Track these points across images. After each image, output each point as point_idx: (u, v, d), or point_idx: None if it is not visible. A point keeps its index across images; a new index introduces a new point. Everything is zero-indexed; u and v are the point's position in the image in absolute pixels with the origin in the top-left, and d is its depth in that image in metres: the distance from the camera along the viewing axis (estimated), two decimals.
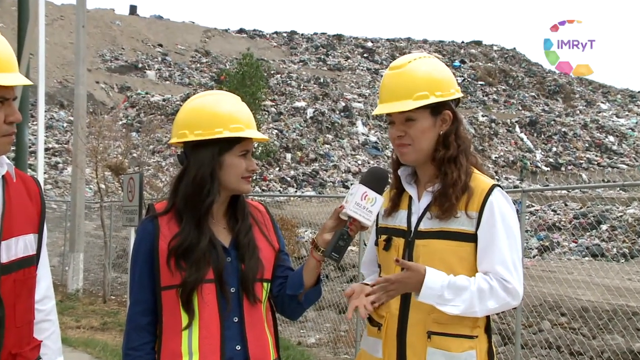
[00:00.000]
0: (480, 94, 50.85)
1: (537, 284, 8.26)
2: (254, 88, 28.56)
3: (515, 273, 2.23)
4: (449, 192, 2.25)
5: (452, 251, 2.24)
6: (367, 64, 54.31)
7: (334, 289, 9.95)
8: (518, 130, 43.27)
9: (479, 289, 2.18)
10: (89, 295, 12.70)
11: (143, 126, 29.27)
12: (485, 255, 2.23)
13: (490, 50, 61.48)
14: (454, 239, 2.24)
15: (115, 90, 44.29)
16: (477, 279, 2.20)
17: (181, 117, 2.29)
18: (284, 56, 55.83)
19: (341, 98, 42.11)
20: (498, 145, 41.31)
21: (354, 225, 2.23)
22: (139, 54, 51.67)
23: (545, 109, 48.87)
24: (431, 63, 2.36)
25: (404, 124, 2.30)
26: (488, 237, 2.23)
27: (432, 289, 2.16)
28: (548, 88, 53.81)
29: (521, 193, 6.73)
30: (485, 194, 2.26)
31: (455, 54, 59.16)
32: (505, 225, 2.24)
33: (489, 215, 2.23)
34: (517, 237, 2.27)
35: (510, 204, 2.30)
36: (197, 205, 2.21)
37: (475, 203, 2.25)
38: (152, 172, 24.80)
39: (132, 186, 8.56)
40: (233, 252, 2.26)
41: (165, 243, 2.20)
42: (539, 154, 40.67)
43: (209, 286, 2.19)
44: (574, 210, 17.36)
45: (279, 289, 2.33)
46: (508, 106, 49.39)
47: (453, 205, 2.24)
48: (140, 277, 2.24)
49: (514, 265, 2.23)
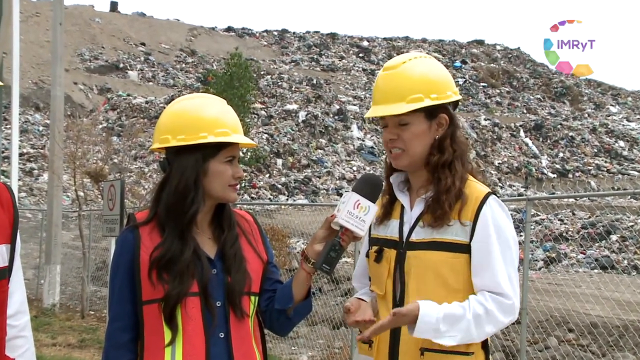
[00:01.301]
0: (483, 96, 51.01)
1: (543, 298, 8.28)
2: (242, 90, 28.62)
3: (511, 288, 2.23)
4: (442, 198, 2.26)
5: (446, 263, 2.25)
6: (362, 65, 54.42)
7: (327, 302, 9.94)
8: (523, 135, 43.41)
9: (475, 316, 2.19)
10: (66, 311, 12.64)
11: (124, 130, 29.26)
12: (480, 270, 2.24)
13: (493, 50, 61.72)
14: (447, 250, 2.25)
15: (95, 92, 44.22)
16: (472, 304, 2.21)
17: (163, 121, 2.30)
18: (274, 56, 55.89)
19: (335, 100, 42.16)
20: (501, 150, 41.42)
21: (346, 236, 2.23)
22: (120, 54, 51.62)
23: (552, 112, 49.06)
24: (427, 64, 2.37)
25: (397, 127, 2.31)
26: (483, 250, 2.23)
27: (427, 323, 2.16)
28: (554, 90, 54.04)
29: (526, 201, 6.76)
30: (480, 202, 2.27)
31: (456, 53, 59.37)
32: (500, 237, 2.25)
33: (483, 225, 2.24)
34: (513, 249, 2.28)
35: (506, 213, 2.31)
36: (180, 215, 2.21)
37: (469, 212, 2.26)
38: (134, 179, 24.72)
39: (113, 194, 8.54)
40: (219, 263, 2.26)
41: (147, 254, 2.20)
42: (544, 160, 40.80)
43: (193, 300, 2.19)
44: (582, 220, 17.41)
45: (267, 303, 2.33)
46: (512, 109, 49.58)
47: (446, 213, 2.25)
48: (120, 290, 2.23)
49: (510, 279, 2.24)
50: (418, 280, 2.26)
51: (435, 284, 2.24)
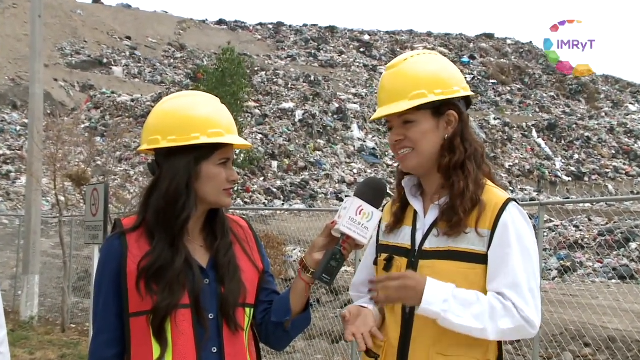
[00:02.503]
0: (492, 94, 51.11)
1: (557, 310, 8.28)
2: (235, 87, 28.64)
3: (531, 300, 2.21)
4: (456, 204, 2.26)
5: (461, 274, 2.24)
6: (363, 60, 54.48)
7: (326, 315, 9.95)
8: (535, 135, 43.49)
9: (491, 306, 2.18)
10: (45, 324, 12.62)
11: (109, 130, 29.24)
12: (495, 276, 2.22)
13: (503, 45, 61.86)
14: (463, 260, 2.24)
15: (77, 89, 44.23)
16: (488, 296, 2.20)
17: (152, 121, 2.30)
18: (269, 51, 55.96)
19: (334, 98, 42.23)
20: (512, 152, 41.49)
21: (348, 244, 2.24)
22: (103, 48, 51.66)
23: (566, 111, 49.17)
24: (430, 59, 2.38)
25: (403, 127, 2.32)
26: (500, 257, 2.22)
27: (436, 289, 2.15)
28: (569, 87, 54.16)
29: (539, 206, 6.76)
30: (499, 209, 2.26)
31: (463, 48, 59.49)
32: (521, 246, 2.24)
33: (503, 233, 2.23)
34: (534, 259, 2.26)
35: (528, 222, 2.30)
36: (170, 221, 2.21)
37: (488, 219, 2.25)
38: (119, 183, 24.71)
39: (96, 198, 8.54)
40: (211, 273, 2.26)
41: (135, 263, 2.20)
42: (558, 162, 40.86)
43: (184, 312, 2.19)
44: (599, 226, 17.40)
45: (263, 315, 2.34)
46: (524, 108, 49.67)
47: (461, 220, 2.24)
48: (105, 302, 2.23)
49: (530, 291, 2.21)
50: None
51: None
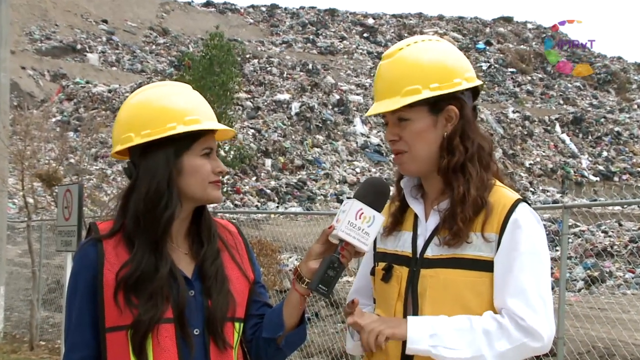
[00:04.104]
0: (511, 84, 51.14)
1: (584, 325, 8.29)
2: (224, 77, 28.64)
3: (540, 308, 2.21)
4: (456, 211, 2.26)
5: (468, 284, 2.25)
6: (367, 47, 54.52)
7: (325, 330, 9.95)
8: (559, 130, 43.50)
9: (484, 331, 2.18)
10: (11, 341, 12.62)
11: (83, 124, 29.22)
12: (500, 286, 2.23)
13: (523, 29, 61.86)
14: (470, 268, 2.25)
15: (47, 79, 44.23)
16: (482, 318, 2.21)
17: (123, 116, 2.32)
18: (262, 36, 55.96)
19: (335, 89, 42.23)
20: (533, 148, 41.50)
21: (347, 251, 2.25)
22: (77, 33, 51.64)
23: (594, 103, 49.18)
24: (429, 47, 2.37)
25: (398, 125, 2.33)
26: (505, 263, 2.23)
27: (419, 324, 2.18)
28: (597, 76, 54.12)
29: (562, 209, 6.77)
30: (507, 211, 2.27)
31: (479, 33, 59.50)
32: (530, 250, 2.24)
33: (510, 236, 2.24)
34: (545, 265, 2.27)
35: (539, 224, 2.31)
36: (152, 224, 2.22)
37: (495, 222, 2.26)
38: (94, 183, 24.78)
39: (69, 200, 8.54)
40: (197, 284, 2.27)
41: (112, 273, 2.21)
42: (585, 160, 40.88)
43: (167, 327, 2.20)
44: (630, 232, 17.41)
45: (253, 330, 2.35)
46: (546, 99, 49.68)
47: (461, 230, 2.25)
48: (79, 316, 2.24)
49: (541, 298, 2.22)
50: (434, 304, 2.26)
51: (454, 308, 2.24)
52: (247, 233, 13.48)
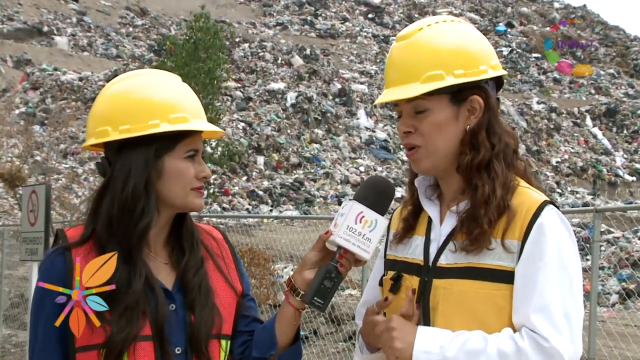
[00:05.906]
0: (536, 72, 51.13)
1: (618, 345, 8.29)
2: (211, 63, 28.61)
3: (565, 327, 2.19)
4: (479, 213, 2.26)
5: (485, 297, 2.25)
6: (372, 29, 54.50)
7: (324, 350, 9.96)
8: (590, 124, 43.51)
9: (500, 353, 2.17)
10: None
11: (50, 117, 29.28)
12: (521, 300, 2.22)
13: (549, 9, 61.88)
14: (488, 279, 2.25)
15: (9, 65, 44.21)
16: (500, 338, 2.20)
17: (99, 108, 2.32)
18: (254, 17, 55.96)
19: (336, 77, 42.24)
20: (561, 144, 41.52)
21: (346, 259, 2.25)
22: (43, 13, 51.63)
23: (630, 93, 49.17)
24: (451, 28, 2.37)
25: (414, 116, 2.32)
26: (528, 274, 2.22)
27: (426, 347, 2.19)
28: (633, 62, 54.16)
29: (594, 213, 6.78)
30: (532, 215, 2.26)
31: (499, 14, 59.50)
32: (557, 260, 2.23)
33: (535, 243, 2.23)
34: (573, 277, 2.25)
35: (568, 230, 2.30)
36: (126, 231, 2.23)
37: (518, 228, 2.26)
38: (63, 183, 24.72)
39: (35, 203, 8.55)
40: (178, 297, 2.29)
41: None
42: (619, 158, 40.89)
43: (144, 345, 2.21)
44: None
45: (242, 348, 2.36)
46: (575, 89, 49.67)
47: (484, 233, 2.24)
48: (46, 334, 2.25)
49: (565, 316, 2.20)
50: (447, 318, 2.27)
51: (469, 322, 2.24)
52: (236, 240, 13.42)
